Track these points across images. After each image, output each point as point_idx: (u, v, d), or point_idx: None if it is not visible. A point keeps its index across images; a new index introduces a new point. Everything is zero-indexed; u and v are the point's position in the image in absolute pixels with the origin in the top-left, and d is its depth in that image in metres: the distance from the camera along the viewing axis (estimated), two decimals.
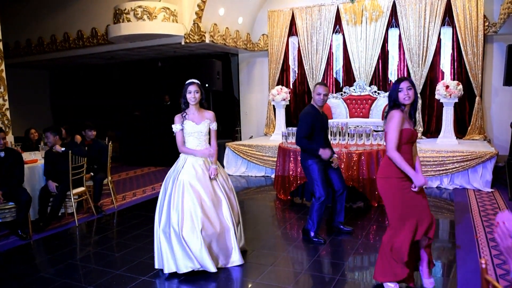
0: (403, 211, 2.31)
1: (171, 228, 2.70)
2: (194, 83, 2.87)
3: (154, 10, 6.54)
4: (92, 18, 7.71)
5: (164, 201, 2.80)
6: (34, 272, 2.96)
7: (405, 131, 2.30)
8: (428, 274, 2.47)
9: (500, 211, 1.27)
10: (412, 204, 2.32)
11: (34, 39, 8.57)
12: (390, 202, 2.37)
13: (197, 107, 2.89)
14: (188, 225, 2.68)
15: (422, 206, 2.34)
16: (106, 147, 4.63)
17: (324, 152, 3.24)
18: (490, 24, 6.20)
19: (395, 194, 2.33)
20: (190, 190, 2.74)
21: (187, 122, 2.85)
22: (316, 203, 3.32)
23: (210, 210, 2.76)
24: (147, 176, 6.73)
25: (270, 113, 7.78)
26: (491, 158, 5.04)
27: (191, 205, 2.72)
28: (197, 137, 2.86)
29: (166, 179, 2.88)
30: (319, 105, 3.34)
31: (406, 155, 2.31)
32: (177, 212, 2.71)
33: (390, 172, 2.33)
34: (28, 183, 3.92)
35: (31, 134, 5.57)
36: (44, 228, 3.85)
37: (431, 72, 6.60)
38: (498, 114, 6.40)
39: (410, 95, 2.30)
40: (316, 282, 2.73)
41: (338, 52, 7.32)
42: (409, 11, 6.56)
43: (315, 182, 3.30)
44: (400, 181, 2.31)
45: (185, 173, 2.78)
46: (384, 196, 2.40)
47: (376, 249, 3.25)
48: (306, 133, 3.25)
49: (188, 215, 2.70)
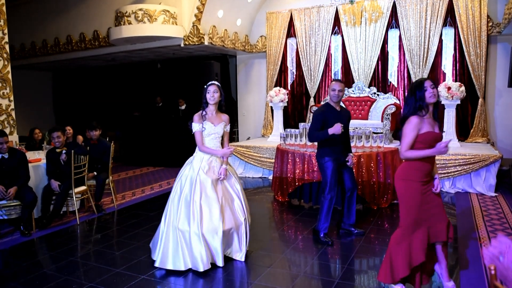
0: (417, 215, 2.32)
1: (190, 228, 2.79)
2: (214, 84, 3.02)
3: (154, 13, 6.63)
4: (94, 21, 7.81)
5: (180, 200, 2.87)
6: (37, 268, 3.04)
7: (426, 135, 2.29)
8: (448, 277, 2.46)
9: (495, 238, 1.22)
10: (427, 209, 2.33)
11: (39, 41, 8.70)
12: (406, 204, 2.36)
13: (215, 108, 3.01)
14: (208, 224, 2.80)
15: (437, 212, 2.36)
16: (109, 146, 4.72)
17: (335, 127, 3.18)
18: (494, 25, 6.08)
19: (415, 197, 2.32)
20: (210, 190, 2.86)
21: (207, 124, 2.97)
22: (325, 201, 3.38)
23: (226, 208, 2.89)
24: (146, 176, 6.81)
25: (268, 114, 7.82)
26: (495, 161, 4.93)
27: (208, 205, 2.84)
28: (214, 138, 3.00)
29: (181, 178, 2.96)
30: (334, 101, 3.34)
31: (428, 159, 2.32)
32: (196, 212, 2.80)
33: (412, 176, 2.33)
34: (32, 181, 4.02)
35: (35, 134, 5.68)
36: (46, 226, 3.94)
37: (432, 74, 6.51)
38: (502, 116, 6.28)
39: (435, 93, 2.30)
40: (314, 285, 2.73)
41: (337, 53, 7.33)
42: (410, 12, 6.50)
43: (328, 179, 3.35)
44: (421, 185, 2.32)
45: (202, 173, 2.90)
46: (402, 197, 2.39)
47: (376, 252, 3.25)
48: (314, 129, 3.32)
49: (208, 217, 2.81)
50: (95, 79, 10.52)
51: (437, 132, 2.36)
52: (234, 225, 2.92)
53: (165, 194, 5.43)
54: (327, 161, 3.34)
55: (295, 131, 4.93)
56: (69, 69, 10.54)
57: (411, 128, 2.29)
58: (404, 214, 2.38)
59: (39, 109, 10.47)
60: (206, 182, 2.87)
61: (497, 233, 1.62)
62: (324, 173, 3.38)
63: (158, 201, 5.05)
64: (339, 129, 3.19)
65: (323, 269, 3.01)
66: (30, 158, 4.27)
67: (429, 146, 2.29)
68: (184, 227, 2.81)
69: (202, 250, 2.78)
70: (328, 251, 3.28)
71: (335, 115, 3.33)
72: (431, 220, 2.34)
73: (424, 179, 2.34)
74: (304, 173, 4.52)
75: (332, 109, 3.36)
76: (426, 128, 2.31)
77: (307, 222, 4.05)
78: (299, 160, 4.57)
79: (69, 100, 10.90)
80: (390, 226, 3.91)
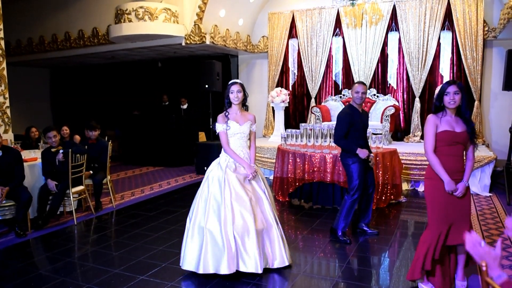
0: (440, 214, 2.33)
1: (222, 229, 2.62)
2: (236, 83, 2.90)
3: (155, 11, 6.58)
4: (93, 18, 7.74)
5: (208, 199, 2.73)
6: (33, 269, 2.97)
7: (443, 134, 2.32)
8: (462, 276, 2.51)
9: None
10: (451, 208, 2.33)
11: (36, 38, 8.60)
12: (430, 203, 2.41)
13: (239, 107, 2.91)
14: (240, 225, 2.64)
15: (462, 212, 2.36)
16: (107, 146, 4.65)
17: (362, 151, 3.32)
18: (489, 29, 6.23)
19: (437, 196, 2.35)
20: (239, 189, 2.73)
21: (232, 123, 2.86)
22: (348, 200, 3.39)
23: (256, 209, 2.76)
24: (145, 176, 6.74)
25: (269, 114, 7.81)
26: (489, 162, 5.04)
27: (241, 207, 2.69)
28: (240, 138, 2.88)
29: (208, 178, 2.83)
30: (357, 103, 3.40)
31: (451, 157, 2.33)
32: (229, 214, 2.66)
33: (435, 173, 2.37)
34: (27, 181, 3.93)
35: (32, 132, 5.59)
36: (42, 226, 3.86)
37: (430, 76, 6.62)
38: (497, 118, 6.42)
39: (456, 100, 2.29)
40: (314, 285, 2.73)
41: (338, 55, 7.35)
42: (409, 15, 6.59)
43: (353, 179, 3.38)
44: (438, 182, 2.35)
45: (230, 174, 2.77)
46: (427, 196, 2.44)
47: (374, 252, 3.28)
48: (343, 132, 3.36)
49: (239, 216, 2.66)
50: (94, 77, 10.44)
51: (457, 131, 2.33)
52: (264, 226, 2.76)
53: (165, 194, 5.38)
54: (354, 162, 3.37)
55: (296, 132, 4.92)
56: (68, 66, 10.44)
57: (429, 127, 2.35)
58: (429, 213, 2.41)
59: (36, 107, 10.36)
60: (235, 181, 2.75)
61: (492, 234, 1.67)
62: (350, 174, 3.40)
63: (157, 201, 4.99)
64: (365, 155, 3.33)
65: (322, 268, 3.01)
66: (26, 157, 4.19)
67: (447, 144, 2.33)
68: (214, 227, 2.64)
69: (230, 252, 2.60)
70: (327, 251, 3.28)
71: (359, 117, 3.42)
72: (454, 220, 2.34)
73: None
74: (304, 173, 4.52)
75: (356, 111, 3.42)
76: (444, 126, 2.33)
77: (308, 222, 4.05)
78: (300, 161, 4.56)
79: (67, 98, 10.79)
80: (388, 225, 3.92)
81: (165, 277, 2.77)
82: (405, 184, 5.23)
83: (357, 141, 3.38)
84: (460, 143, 2.35)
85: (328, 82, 7.47)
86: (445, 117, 2.34)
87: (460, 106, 2.34)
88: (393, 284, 2.70)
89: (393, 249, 3.34)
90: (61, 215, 4.28)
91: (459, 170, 2.37)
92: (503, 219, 4.05)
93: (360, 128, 3.42)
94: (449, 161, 2.34)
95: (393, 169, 4.56)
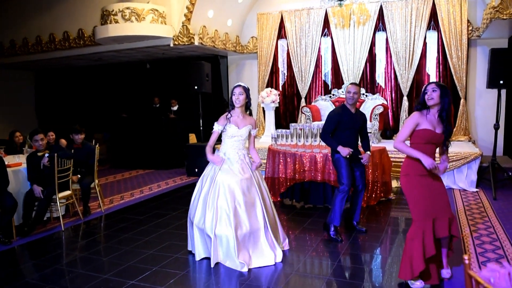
0: (423, 207, 2.41)
1: (204, 226, 2.88)
2: (239, 85, 3.00)
3: (142, 12, 6.50)
4: (78, 19, 7.60)
5: (199, 198, 2.97)
6: (19, 277, 2.89)
7: (424, 131, 2.41)
8: (446, 265, 2.62)
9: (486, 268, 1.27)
10: (431, 202, 2.42)
11: (19, 39, 8.39)
12: (412, 198, 2.46)
13: (242, 110, 3.02)
14: (222, 224, 2.82)
15: (442, 203, 2.46)
16: (94, 149, 4.56)
17: (343, 149, 3.36)
18: (473, 29, 6.37)
19: (417, 190, 2.44)
20: (226, 191, 2.87)
21: (231, 126, 2.99)
22: (339, 194, 3.43)
23: (242, 210, 2.87)
24: (135, 179, 6.64)
25: (260, 115, 7.80)
26: (475, 158, 5.17)
27: (225, 206, 2.85)
28: (237, 141, 3.01)
29: (202, 177, 3.03)
30: (349, 103, 3.44)
31: (427, 153, 2.41)
32: (211, 212, 2.86)
33: (410, 170, 2.47)
34: (11, 187, 3.81)
35: (16, 137, 5.43)
36: (28, 233, 3.75)
37: (417, 75, 6.73)
38: (482, 116, 6.57)
39: (433, 97, 2.38)
40: (307, 284, 2.74)
41: (327, 55, 7.41)
42: (396, 15, 6.69)
43: (341, 171, 3.44)
44: (420, 178, 2.44)
45: (222, 174, 2.91)
46: (406, 193, 2.52)
47: (366, 249, 3.31)
48: (329, 130, 3.46)
49: (224, 214, 2.83)
50: (81, 79, 10.24)
51: (437, 133, 2.43)
52: (251, 229, 2.88)
53: (156, 197, 5.30)
54: (338, 157, 3.45)
55: (287, 132, 4.93)
56: (53, 68, 10.22)
57: (410, 122, 2.46)
58: (412, 209, 2.47)
59: (20, 110, 10.11)
60: (224, 183, 2.88)
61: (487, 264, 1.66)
62: (338, 168, 3.48)
63: (147, 204, 4.92)
64: (347, 153, 3.35)
65: (315, 267, 3.02)
66: (10, 162, 4.07)
67: (425, 142, 2.42)
68: (201, 225, 2.91)
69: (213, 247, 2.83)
70: (318, 249, 3.29)
71: (350, 117, 3.45)
72: (436, 213, 2.42)
73: (423, 172, 2.43)
74: (295, 173, 4.53)
75: (348, 111, 3.47)
76: (425, 125, 2.42)
77: (299, 221, 4.06)
78: (291, 160, 4.57)
79: (53, 101, 10.56)
80: (379, 223, 3.96)
81: (156, 281, 2.72)
82: (394, 181, 5.29)
83: (345, 140, 3.43)
84: (435, 144, 2.47)
85: (318, 82, 7.52)
86: (429, 115, 2.44)
87: (443, 106, 2.41)
88: (385, 281, 2.72)
89: (385, 246, 3.37)
90: (48, 221, 4.17)
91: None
92: (490, 214, 4.13)
93: (350, 128, 3.46)
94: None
95: (382, 167, 4.61)
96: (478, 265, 2.83)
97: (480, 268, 2.80)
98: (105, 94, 10.01)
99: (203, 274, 2.87)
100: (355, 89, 3.42)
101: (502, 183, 5.24)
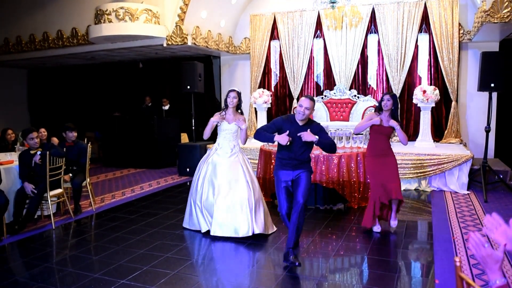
0: (374, 179, 3.58)
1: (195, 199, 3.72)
2: (234, 90, 3.66)
3: (136, 12, 6.51)
4: (72, 18, 7.57)
5: (198, 179, 3.72)
6: (8, 275, 2.89)
7: (375, 125, 3.55)
8: (394, 217, 3.68)
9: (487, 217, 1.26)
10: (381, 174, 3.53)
11: (12, 38, 8.33)
12: (369, 173, 3.73)
13: (233, 110, 3.67)
14: (210, 196, 3.58)
15: (390, 174, 3.54)
16: (86, 148, 4.57)
17: (280, 138, 2.88)
18: (465, 32, 6.43)
19: (371, 167, 3.63)
20: (216, 167, 3.62)
21: (224, 122, 3.66)
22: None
23: (227, 185, 3.55)
24: (126, 178, 6.64)
25: (252, 115, 7.84)
26: (466, 161, 5.19)
27: (214, 179, 3.60)
28: (227, 133, 3.68)
29: (200, 162, 3.83)
30: (298, 119, 2.98)
31: (377, 141, 3.60)
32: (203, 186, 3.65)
33: (367, 152, 3.69)
34: (3, 184, 3.81)
35: (8, 134, 5.40)
36: (19, 231, 3.75)
37: (409, 77, 6.79)
38: (473, 118, 6.61)
39: (387, 105, 3.53)
40: (298, 284, 2.76)
41: (319, 56, 7.46)
42: (388, 18, 6.74)
43: (278, 196, 3.15)
44: (373, 158, 3.61)
45: (215, 156, 3.70)
46: (366, 169, 3.89)
47: (356, 250, 3.35)
48: (265, 128, 3.04)
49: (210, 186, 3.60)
50: (74, 78, 10.20)
51: (384, 126, 3.54)
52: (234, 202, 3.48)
53: (147, 196, 5.32)
54: (275, 175, 3.12)
55: None
56: (46, 67, 10.16)
57: (366, 117, 3.72)
58: (370, 180, 3.71)
59: (12, 108, 10.03)
60: (215, 162, 3.64)
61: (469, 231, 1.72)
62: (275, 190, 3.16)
63: (139, 203, 4.94)
64: (285, 140, 2.87)
65: (306, 267, 3.04)
66: (1, 160, 4.07)
67: (376, 133, 3.58)
68: (198, 201, 3.70)
69: (201, 219, 3.66)
70: (310, 250, 3.33)
71: (293, 127, 2.95)
72: (385, 182, 3.51)
73: (371, 153, 3.62)
74: None
75: (294, 122, 3.00)
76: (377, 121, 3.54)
77: None
78: None
79: (46, 99, 10.49)
80: None
81: (146, 280, 2.75)
82: None
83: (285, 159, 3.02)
84: (384, 134, 3.57)
85: (310, 83, 7.58)
86: (381, 115, 3.55)
87: (393, 109, 3.53)
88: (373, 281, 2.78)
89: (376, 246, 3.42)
90: (39, 219, 4.17)
91: (383, 149, 3.57)
92: (481, 217, 4.16)
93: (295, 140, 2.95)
94: (376, 142, 3.60)
95: None
96: (470, 268, 2.84)
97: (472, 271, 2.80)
98: (98, 93, 9.97)
99: (194, 274, 2.90)
100: (309, 104, 2.90)
101: (493, 185, 5.25)
